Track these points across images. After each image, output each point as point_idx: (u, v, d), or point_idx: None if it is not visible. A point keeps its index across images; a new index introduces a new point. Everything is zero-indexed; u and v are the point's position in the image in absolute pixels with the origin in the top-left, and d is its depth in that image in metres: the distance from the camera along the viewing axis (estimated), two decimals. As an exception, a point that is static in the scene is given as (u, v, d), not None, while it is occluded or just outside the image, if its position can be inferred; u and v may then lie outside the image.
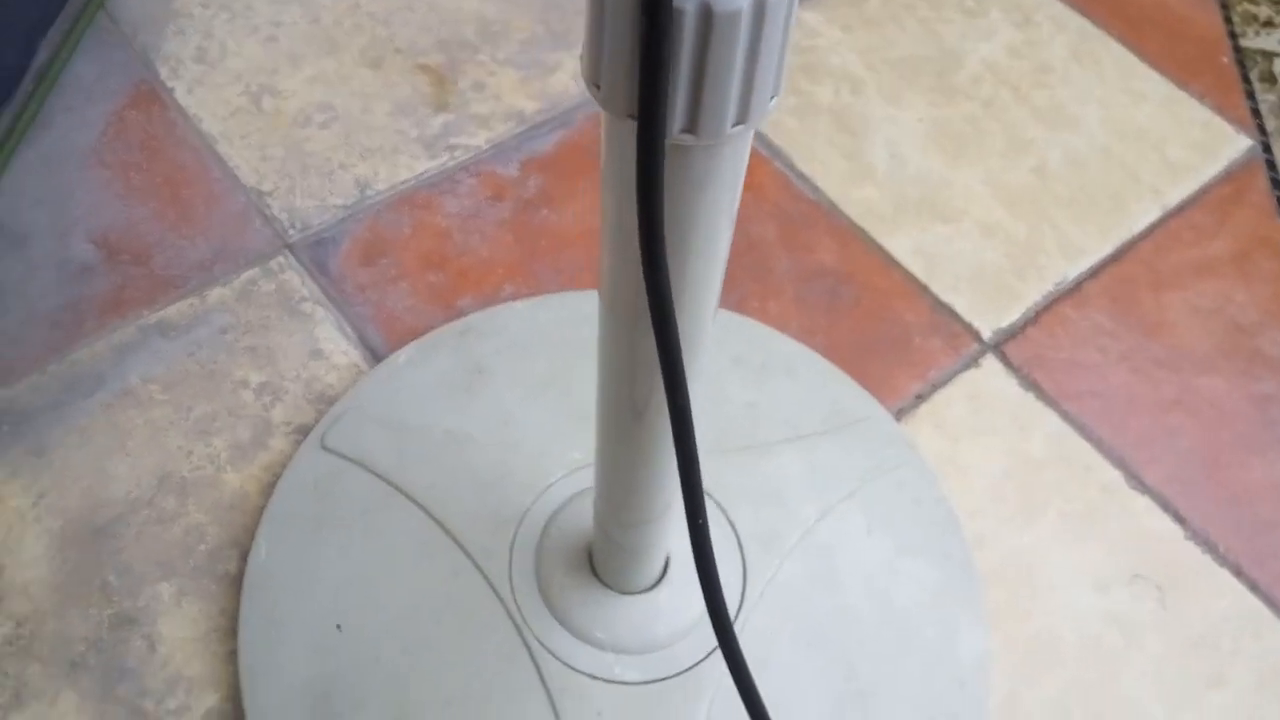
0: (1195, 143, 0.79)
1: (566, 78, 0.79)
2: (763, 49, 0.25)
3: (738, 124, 0.27)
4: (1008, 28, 0.84)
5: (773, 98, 0.27)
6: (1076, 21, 0.85)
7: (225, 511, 0.58)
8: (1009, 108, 0.79)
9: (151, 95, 0.76)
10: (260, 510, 0.58)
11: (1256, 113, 0.82)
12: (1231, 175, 0.78)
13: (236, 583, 0.56)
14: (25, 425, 0.61)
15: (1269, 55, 0.85)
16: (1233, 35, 0.86)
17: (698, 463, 0.30)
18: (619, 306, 0.34)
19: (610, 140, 0.29)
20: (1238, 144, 0.80)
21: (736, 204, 0.32)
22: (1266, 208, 0.76)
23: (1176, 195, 0.76)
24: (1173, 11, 0.88)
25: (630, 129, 0.25)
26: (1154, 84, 0.82)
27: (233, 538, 0.58)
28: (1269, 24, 0.87)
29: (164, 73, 0.77)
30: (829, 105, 0.79)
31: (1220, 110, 0.81)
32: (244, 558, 0.56)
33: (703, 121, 0.26)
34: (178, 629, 0.55)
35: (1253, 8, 0.88)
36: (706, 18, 0.24)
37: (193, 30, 0.80)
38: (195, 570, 0.57)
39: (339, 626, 0.52)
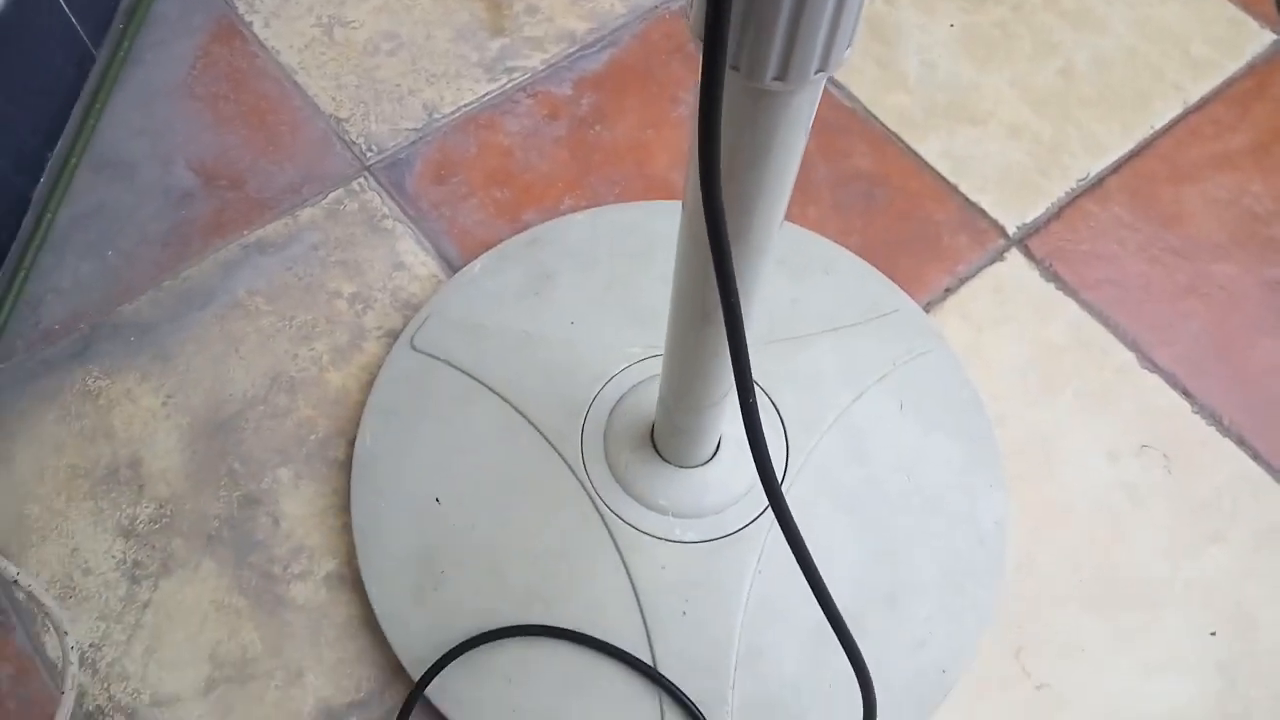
0: (1219, 39, 0.81)
1: (614, -2, 0.83)
2: (846, 8, 0.30)
3: (819, 71, 0.31)
4: (1038, -70, 0.86)
5: (848, 49, 0.32)
6: (1107, -79, 0.86)
7: (330, 406, 0.65)
8: (1037, 11, 0.81)
9: (232, 29, 0.81)
10: (361, 404, 0.65)
11: (1283, 6, 0.83)
12: (1254, 69, 0.79)
13: (345, 466, 0.63)
14: (149, 335, 0.68)
15: (1299, -53, 0.85)
16: (1263, -72, 0.86)
17: (747, 355, 0.35)
18: (694, 226, 0.39)
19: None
20: (1262, 39, 0.81)
21: (806, 138, 0.36)
22: (1287, 100, 0.78)
23: (1198, 91, 0.78)
24: (1204, -94, 0.88)
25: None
26: (1181, -19, 0.83)
27: (339, 428, 0.65)
28: (1300, -85, 0.87)
29: (241, 8, 0.82)
30: (864, 14, 0.81)
31: (1246, 6, 0.82)
32: (350, 445, 0.63)
33: (792, 69, 0.31)
34: (297, 507, 0.63)
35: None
36: None
37: (264, -35, 0.84)
38: (308, 456, 0.64)
39: (437, 500, 0.59)
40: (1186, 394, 0.66)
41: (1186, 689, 0.58)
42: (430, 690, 0.55)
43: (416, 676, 0.56)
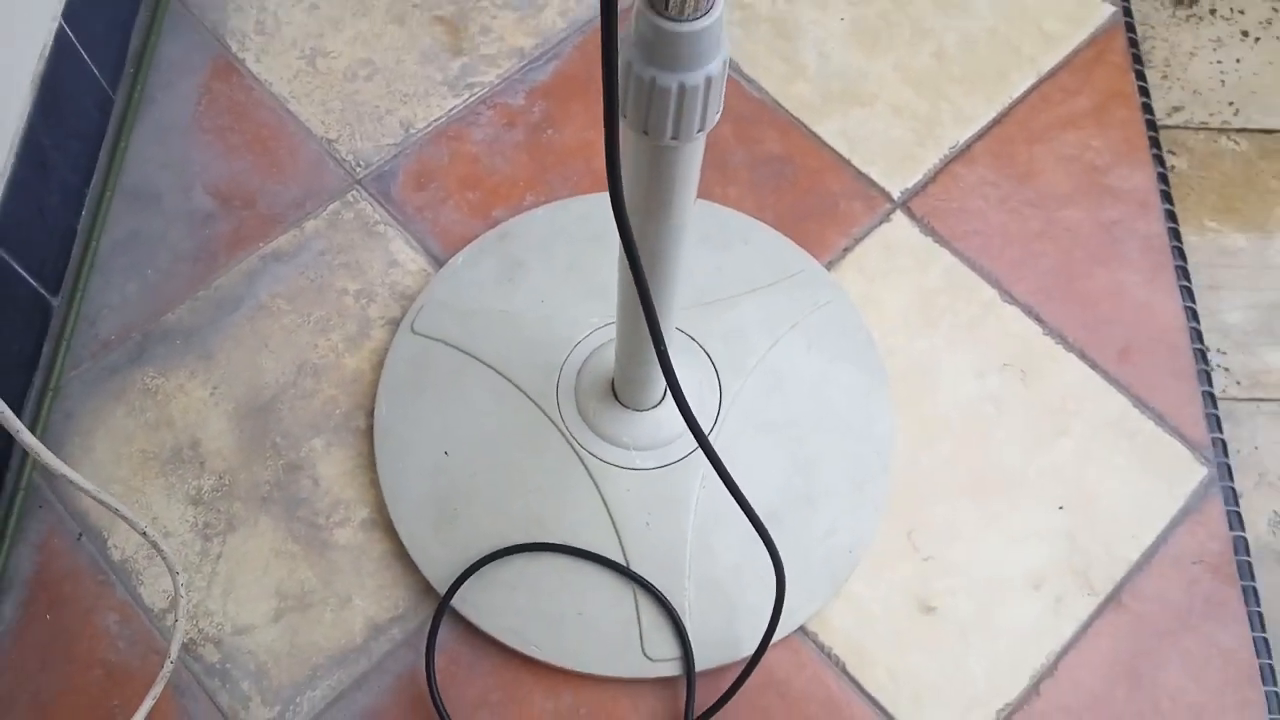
0: (1068, 15, 0.92)
1: (554, 14, 0.93)
2: (713, 95, 0.42)
3: (699, 131, 0.44)
4: (913, -72, 0.96)
5: (718, 114, 0.44)
6: (971, -85, 0.97)
7: (349, 385, 0.78)
8: (914, 1, 0.93)
9: (229, 67, 0.91)
10: (374, 382, 0.77)
11: (1121, -20, 0.95)
12: (1095, 40, 0.91)
13: (368, 434, 0.75)
14: (192, 338, 0.80)
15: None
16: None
17: (658, 322, 0.47)
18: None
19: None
20: (1104, 11, 0.93)
21: (698, 170, 0.49)
22: (1122, 65, 0.90)
23: (1049, 62, 0.90)
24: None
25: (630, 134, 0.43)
26: (1034, -35, 0.95)
27: (358, 403, 0.77)
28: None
29: (234, 46, 0.92)
30: (767, 15, 0.93)
31: (1089, -18, 0.94)
32: (369, 415, 0.76)
33: (681, 133, 0.43)
34: (331, 468, 0.75)
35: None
36: (682, 87, 0.40)
37: (249, 6, 0.93)
38: (336, 428, 0.76)
39: (446, 453, 0.72)
40: (1039, 320, 0.80)
41: (1041, 552, 0.73)
42: (454, 602, 0.68)
43: (442, 592, 0.69)
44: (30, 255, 0.76)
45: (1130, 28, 0.92)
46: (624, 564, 0.68)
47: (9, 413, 0.46)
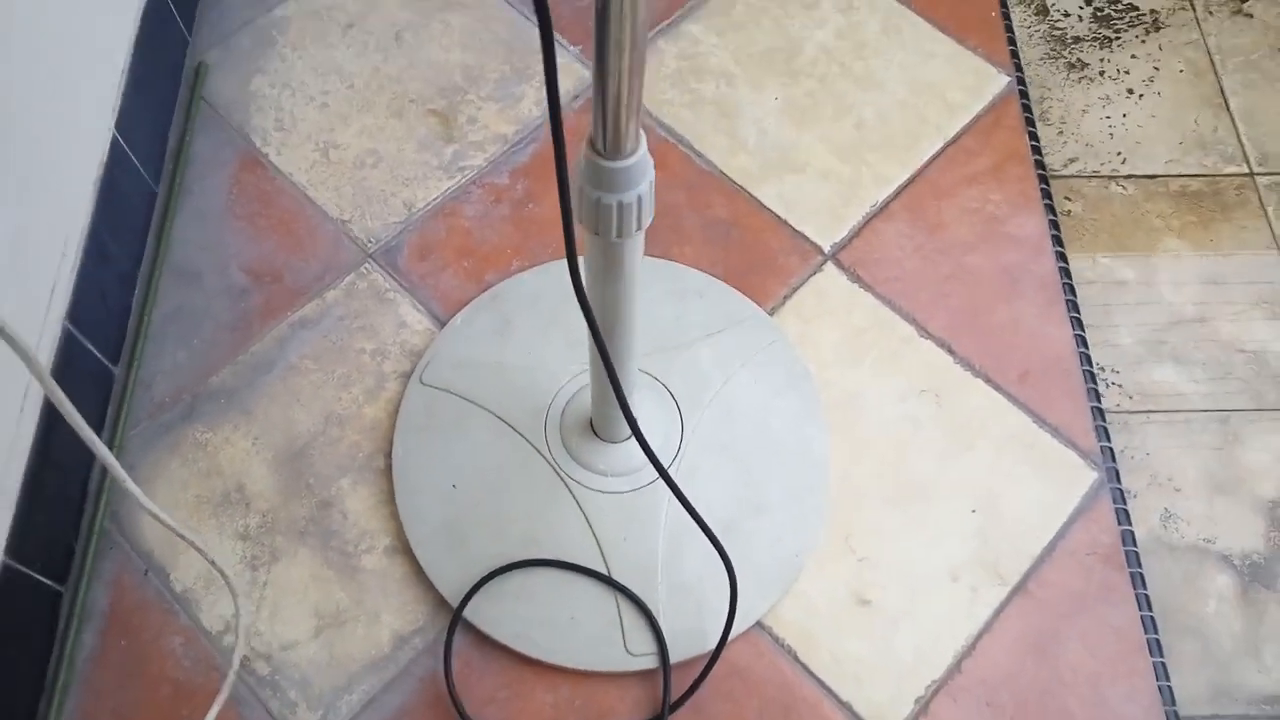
0: (968, 86, 1.05)
1: (531, 104, 1.05)
2: (644, 207, 0.54)
3: (638, 230, 0.56)
4: (835, 15, 1.09)
5: (650, 218, 0.56)
6: (886, 2, 1.10)
7: (369, 431, 0.89)
8: (837, 80, 1.06)
9: (255, 160, 1.03)
10: (391, 428, 0.88)
11: (1015, 53, 1.08)
12: (994, 107, 1.04)
13: (387, 472, 0.87)
14: (234, 397, 0.91)
15: None
16: (1001, -8, 1.10)
17: (616, 373, 0.59)
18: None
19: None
20: (999, 81, 1.06)
21: (640, 253, 0.61)
22: (1016, 127, 1.03)
23: (954, 128, 1.03)
24: (957, -20, 1.12)
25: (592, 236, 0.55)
26: (941, 44, 1.08)
27: (378, 446, 0.88)
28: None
29: (257, 141, 1.04)
30: (711, 97, 1.05)
31: (989, 57, 1.07)
32: (388, 457, 0.87)
33: (623, 233, 0.55)
34: (358, 504, 0.86)
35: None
36: (620, 204, 0.53)
37: (269, 106, 1.06)
38: (360, 468, 0.88)
39: (454, 486, 0.84)
40: (950, 351, 0.92)
41: (958, 549, 0.84)
42: (465, 613, 0.80)
43: (455, 605, 0.80)
44: (95, 331, 0.88)
45: (1024, 94, 1.05)
46: (606, 574, 0.80)
47: (115, 465, 0.58)
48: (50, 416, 0.80)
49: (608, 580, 0.79)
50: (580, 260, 0.52)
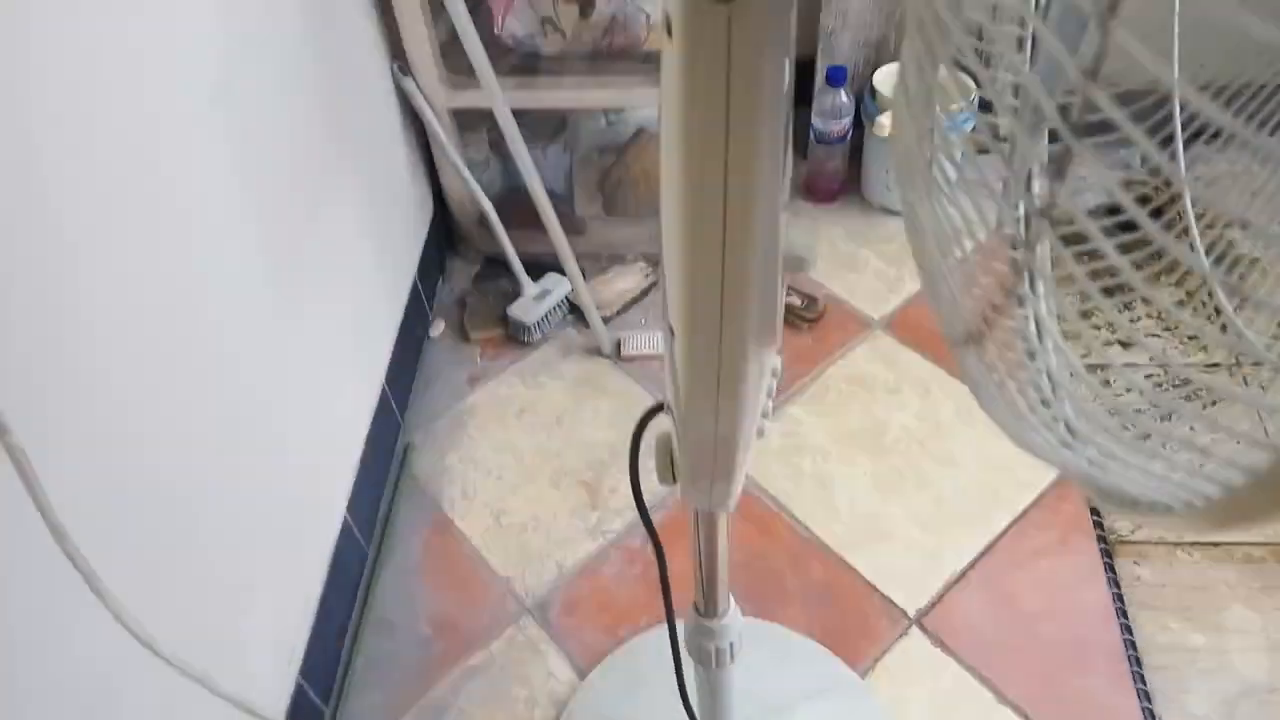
0: (1036, 464, 1.17)
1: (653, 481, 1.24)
2: (735, 650, 0.69)
3: (731, 662, 0.70)
4: (915, 399, 1.26)
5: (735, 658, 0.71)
6: (958, 387, 1.26)
7: (521, 773, 1.02)
8: (918, 458, 1.20)
9: (444, 525, 1.25)
10: (539, 771, 1.01)
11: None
12: (1059, 482, 1.15)
13: (533, 813, 0.99)
14: (414, 734, 1.07)
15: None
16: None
17: None
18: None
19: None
20: (1063, 457, 1.17)
21: (733, 679, 0.75)
22: (1081, 501, 1.13)
23: (1023, 503, 1.14)
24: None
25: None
26: (1008, 423, 1.21)
27: (527, 788, 1.01)
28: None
29: (446, 509, 1.26)
30: (810, 471, 1.22)
31: (1051, 434, 1.20)
32: (534, 799, 1.00)
33: (720, 664, 0.70)
34: (508, 840, 0.98)
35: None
36: (718, 648, 0.68)
37: (457, 479, 1.29)
38: (511, 807, 1.00)
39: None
40: (1024, 715, 0.98)
41: None
42: None
43: None
44: (314, 678, 1.07)
45: (1087, 468, 1.16)
46: None
47: None
48: (279, 759, 0.98)
49: None
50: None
